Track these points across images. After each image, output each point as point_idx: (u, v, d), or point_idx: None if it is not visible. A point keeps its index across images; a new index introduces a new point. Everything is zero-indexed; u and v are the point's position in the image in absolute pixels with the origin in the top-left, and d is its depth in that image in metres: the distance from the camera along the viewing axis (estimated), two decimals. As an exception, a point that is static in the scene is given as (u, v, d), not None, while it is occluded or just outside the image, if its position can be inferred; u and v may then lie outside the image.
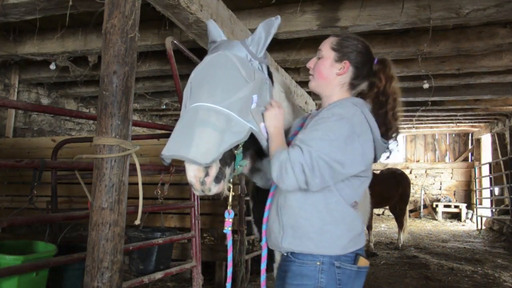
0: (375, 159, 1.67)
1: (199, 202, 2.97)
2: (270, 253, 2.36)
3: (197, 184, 1.47)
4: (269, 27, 1.68)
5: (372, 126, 1.57)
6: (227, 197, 1.67)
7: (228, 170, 1.56)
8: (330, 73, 1.69)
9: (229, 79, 1.57)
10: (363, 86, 1.75)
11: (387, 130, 1.65)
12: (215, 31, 1.82)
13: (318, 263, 1.52)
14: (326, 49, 1.72)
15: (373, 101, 1.69)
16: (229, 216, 1.69)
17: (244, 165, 1.64)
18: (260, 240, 1.82)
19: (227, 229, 1.69)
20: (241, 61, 1.62)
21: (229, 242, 1.75)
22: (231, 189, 1.66)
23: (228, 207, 1.69)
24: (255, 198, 2.23)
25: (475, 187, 12.56)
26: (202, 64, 1.66)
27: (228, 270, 1.74)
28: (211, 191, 1.50)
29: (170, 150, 1.46)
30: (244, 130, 1.54)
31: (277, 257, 2.34)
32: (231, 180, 1.65)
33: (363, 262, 1.59)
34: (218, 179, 1.49)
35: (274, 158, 1.51)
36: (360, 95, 1.75)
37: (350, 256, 1.56)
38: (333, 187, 1.53)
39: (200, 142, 1.42)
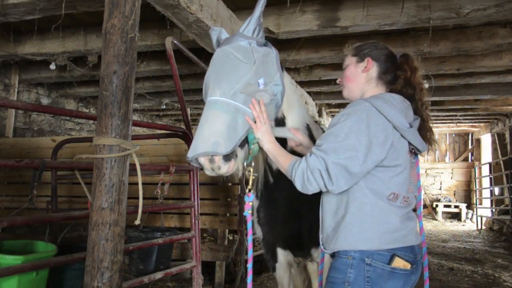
0: (418, 150, 1.65)
1: (199, 202, 2.97)
2: (273, 253, 2.37)
3: (206, 162, 1.52)
4: (256, 5, 1.74)
5: (387, 115, 1.53)
6: (247, 180, 1.73)
7: (241, 152, 1.62)
8: (356, 73, 1.74)
9: (228, 69, 1.65)
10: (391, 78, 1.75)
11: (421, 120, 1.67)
12: (216, 38, 1.91)
13: (349, 257, 1.53)
14: (347, 58, 1.81)
15: (400, 93, 1.68)
16: (248, 199, 1.73)
17: (256, 142, 1.68)
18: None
19: (247, 211, 1.73)
20: (236, 48, 1.70)
21: (249, 238, 1.78)
22: (252, 173, 1.71)
23: (246, 190, 1.74)
24: (263, 196, 2.22)
25: (475, 187, 12.56)
26: (209, 66, 1.76)
27: (248, 265, 1.77)
28: (221, 170, 1.54)
29: (192, 151, 1.53)
30: (250, 118, 1.63)
31: (280, 257, 2.34)
32: (252, 163, 1.71)
33: (400, 263, 1.52)
34: (228, 157, 1.54)
35: (293, 169, 1.54)
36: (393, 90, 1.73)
37: (384, 255, 1.51)
38: (362, 181, 1.53)
39: (217, 136, 1.51)
